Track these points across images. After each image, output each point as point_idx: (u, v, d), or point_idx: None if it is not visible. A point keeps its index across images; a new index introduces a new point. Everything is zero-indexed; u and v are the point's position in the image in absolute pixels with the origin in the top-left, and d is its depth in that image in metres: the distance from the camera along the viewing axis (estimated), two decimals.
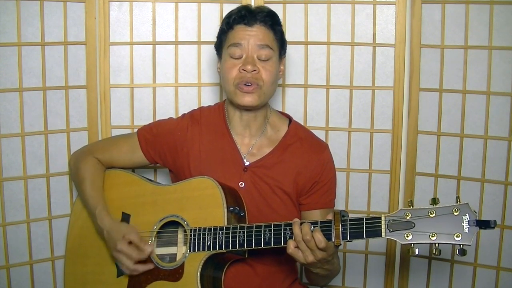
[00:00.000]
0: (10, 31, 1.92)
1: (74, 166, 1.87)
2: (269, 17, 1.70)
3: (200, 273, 1.57)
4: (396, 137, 2.12)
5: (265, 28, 1.69)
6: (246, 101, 1.68)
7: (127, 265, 1.63)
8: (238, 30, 1.69)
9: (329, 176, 1.76)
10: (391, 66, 2.09)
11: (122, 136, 1.92)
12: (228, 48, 1.70)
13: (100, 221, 1.71)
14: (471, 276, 2.08)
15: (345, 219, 1.43)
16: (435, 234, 1.34)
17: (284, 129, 1.79)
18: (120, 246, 1.63)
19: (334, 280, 2.22)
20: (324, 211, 1.73)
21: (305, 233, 1.43)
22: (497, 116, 2.00)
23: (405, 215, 1.37)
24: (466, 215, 1.33)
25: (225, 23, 1.73)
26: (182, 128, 1.79)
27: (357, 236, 1.42)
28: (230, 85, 1.69)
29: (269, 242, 1.50)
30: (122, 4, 2.09)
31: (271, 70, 1.69)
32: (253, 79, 1.66)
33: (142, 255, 1.63)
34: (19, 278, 2.04)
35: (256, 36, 1.68)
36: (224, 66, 1.71)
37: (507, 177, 2.00)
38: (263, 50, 1.68)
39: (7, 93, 1.96)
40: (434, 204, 1.37)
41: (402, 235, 1.37)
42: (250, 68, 1.66)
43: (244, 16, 1.68)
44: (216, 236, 1.56)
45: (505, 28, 1.96)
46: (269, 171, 1.72)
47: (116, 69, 2.11)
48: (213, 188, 1.61)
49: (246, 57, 1.67)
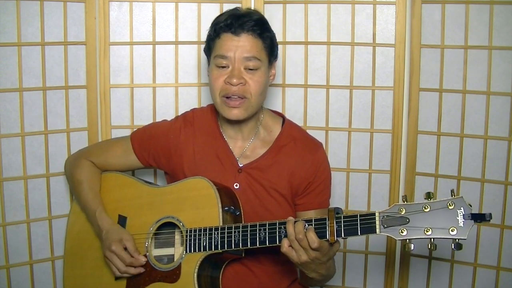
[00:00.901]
0: (10, 31, 1.92)
1: (70, 170, 1.88)
2: (258, 26, 1.63)
3: (197, 274, 1.57)
4: (396, 137, 2.12)
5: (253, 37, 1.63)
6: (233, 114, 1.66)
7: (118, 266, 1.64)
8: (225, 40, 1.64)
9: (324, 175, 1.75)
10: (391, 66, 2.09)
11: (116, 140, 1.92)
12: (214, 58, 1.66)
13: (100, 223, 1.72)
14: (471, 276, 2.08)
15: (339, 216, 1.43)
16: (430, 229, 1.33)
17: (278, 130, 1.78)
18: (115, 247, 1.64)
19: (334, 280, 2.23)
20: (319, 211, 1.72)
21: (298, 231, 1.42)
22: (497, 116, 2.00)
23: (400, 211, 1.36)
24: (461, 209, 1.32)
25: (212, 30, 1.67)
26: (175, 131, 1.79)
27: (351, 233, 1.41)
28: (216, 96, 1.67)
29: (264, 241, 1.50)
30: (122, 4, 2.09)
31: (259, 81, 1.65)
32: (239, 92, 1.63)
33: (133, 262, 1.64)
34: (19, 278, 2.04)
35: (243, 47, 1.62)
36: (211, 75, 1.68)
37: (507, 177, 2.00)
38: (250, 62, 1.63)
39: (7, 93, 1.96)
40: (428, 199, 1.36)
41: (397, 230, 1.35)
42: (235, 81, 1.62)
43: (231, 25, 1.62)
44: (211, 236, 1.56)
45: (505, 28, 1.96)
46: (264, 173, 1.72)
47: (116, 69, 2.11)
48: (208, 188, 1.61)
49: (232, 69, 1.63)
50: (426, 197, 1.37)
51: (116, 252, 1.64)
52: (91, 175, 1.83)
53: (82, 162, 1.85)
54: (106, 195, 1.81)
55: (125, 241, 1.65)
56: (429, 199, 1.36)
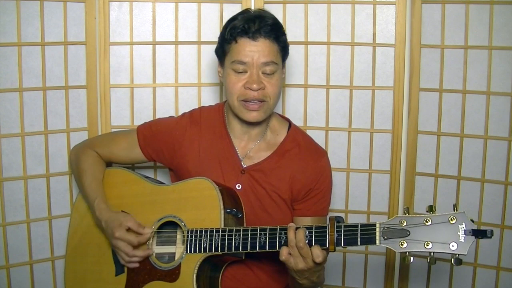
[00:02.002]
0: (10, 31, 1.93)
1: (75, 159, 1.88)
2: (274, 30, 1.63)
3: (196, 275, 1.57)
4: (396, 137, 2.12)
5: (270, 42, 1.63)
6: (252, 117, 1.66)
7: (126, 251, 1.63)
8: (243, 45, 1.62)
9: (325, 184, 1.74)
10: (391, 66, 2.09)
11: (122, 132, 1.92)
12: (231, 64, 1.65)
13: (99, 212, 1.72)
14: (471, 276, 2.08)
15: (340, 225, 1.42)
16: (430, 242, 1.31)
17: (283, 134, 1.78)
18: (119, 233, 1.63)
19: (334, 280, 2.24)
20: (315, 219, 1.72)
21: (299, 239, 1.42)
22: (497, 116, 2.00)
23: (401, 223, 1.35)
24: (463, 224, 1.30)
25: (228, 33, 1.65)
26: (181, 128, 1.79)
27: (351, 243, 1.40)
28: (234, 100, 1.66)
29: (264, 246, 1.50)
30: (122, 4, 2.09)
31: (276, 84, 1.66)
32: (259, 96, 1.63)
33: (141, 239, 1.63)
34: (19, 278, 2.04)
35: (261, 52, 1.61)
36: (228, 80, 1.66)
37: (507, 177, 2.00)
38: (268, 67, 1.63)
39: (7, 93, 1.96)
40: (430, 212, 1.34)
41: (396, 243, 1.34)
42: (255, 87, 1.62)
43: (248, 29, 1.61)
44: (212, 238, 1.56)
45: (505, 28, 1.96)
46: (266, 176, 1.72)
47: (116, 69, 2.11)
48: (211, 190, 1.61)
49: (251, 74, 1.63)
50: (428, 210, 1.35)
51: (121, 237, 1.63)
52: (95, 165, 1.83)
53: (87, 152, 1.85)
54: (110, 190, 1.81)
55: (126, 222, 1.63)
56: (431, 212, 1.34)
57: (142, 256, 1.64)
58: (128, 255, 1.63)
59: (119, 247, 1.64)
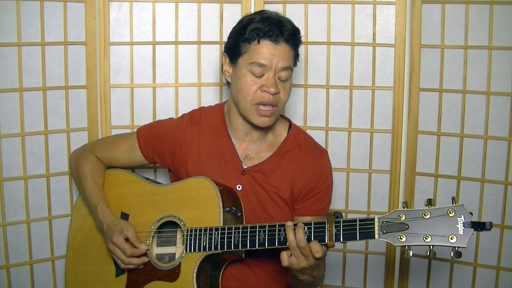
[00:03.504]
0: (10, 31, 1.92)
1: (75, 164, 1.88)
2: (293, 36, 1.64)
3: (196, 274, 1.57)
4: (396, 137, 2.12)
5: (289, 47, 1.63)
6: (262, 122, 1.65)
7: (121, 258, 1.65)
8: (265, 48, 1.60)
9: (325, 184, 1.75)
10: (391, 66, 2.09)
11: (122, 136, 1.92)
12: (249, 65, 1.62)
13: (102, 216, 1.72)
14: (471, 276, 2.08)
15: (339, 221, 1.42)
16: (429, 236, 1.31)
17: (284, 134, 1.78)
18: (116, 239, 1.64)
19: (334, 280, 2.24)
20: (315, 219, 1.71)
21: (299, 239, 1.42)
22: (497, 116, 2.00)
23: (399, 217, 1.35)
24: (461, 217, 1.30)
25: (251, 33, 1.61)
26: (181, 129, 1.79)
27: (350, 238, 1.40)
28: (247, 103, 1.64)
29: (263, 243, 1.50)
30: (122, 4, 2.09)
31: (288, 90, 1.67)
32: (273, 100, 1.63)
33: (135, 252, 1.64)
34: (19, 278, 2.04)
35: (281, 57, 1.61)
36: (243, 81, 1.63)
37: (507, 177, 2.00)
38: (285, 72, 1.63)
39: (7, 93, 1.96)
40: (429, 205, 1.34)
41: (395, 236, 1.34)
42: (273, 90, 1.61)
43: (271, 32, 1.60)
44: (211, 236, 1.56)
45: (505, 28, 1.96)
46: (267, 177, 1.72)
47: (116, 69, 2.11)
48: (210, 189, 1.61)
49: (269, 78, 1.62)
50: (426, 203, 1.35)
51: (118, 244, 1.64)
52: (96, 169, 1.83)
53: (88, 157, 1.85)
54: (110, 191, 1.81)
55: (126, 231, 1.65)
56: (430, 205, 1.34)
57: (137, 264, 1.66)
58: (124, 262, 1.66)
59: (115, 252, 1.66)
